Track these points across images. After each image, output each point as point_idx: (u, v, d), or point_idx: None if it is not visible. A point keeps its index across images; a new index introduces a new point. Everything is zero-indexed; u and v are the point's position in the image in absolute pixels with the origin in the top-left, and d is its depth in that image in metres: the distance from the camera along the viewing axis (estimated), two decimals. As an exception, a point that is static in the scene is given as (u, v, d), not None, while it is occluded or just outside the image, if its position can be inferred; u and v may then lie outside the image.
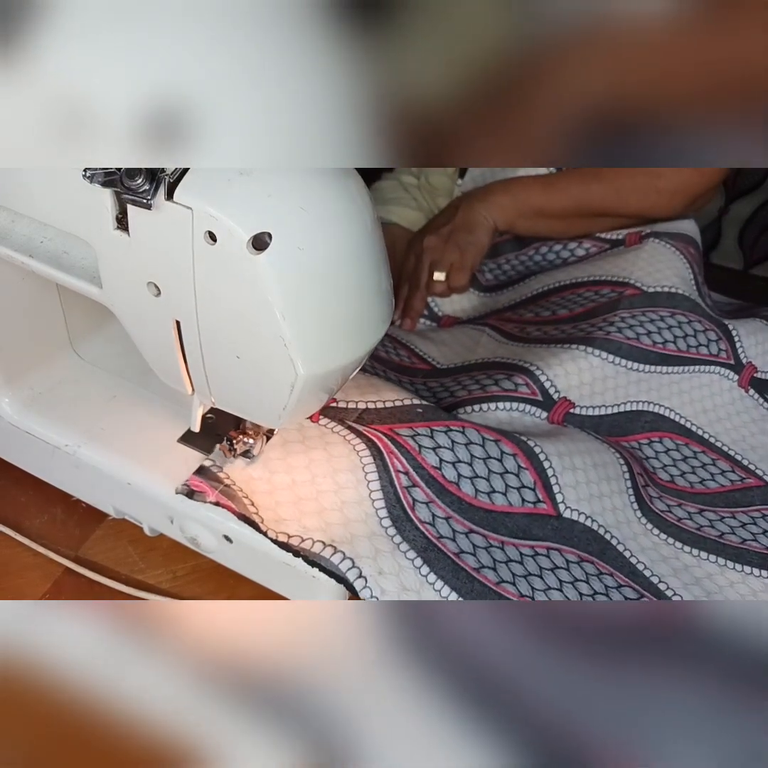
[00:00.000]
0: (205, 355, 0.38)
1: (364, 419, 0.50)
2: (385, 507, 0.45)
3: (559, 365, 0.58)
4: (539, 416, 0.56)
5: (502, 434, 0.50)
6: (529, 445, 0.50)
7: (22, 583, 0.48)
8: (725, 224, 0.96)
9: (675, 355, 0.61)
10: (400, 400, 0.51)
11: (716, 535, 0.53)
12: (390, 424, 0.49)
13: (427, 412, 0.51)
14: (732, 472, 0.58)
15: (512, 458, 0.49)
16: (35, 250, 0.40)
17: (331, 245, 0.35)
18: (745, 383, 0.63)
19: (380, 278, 0.39)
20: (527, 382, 0.57)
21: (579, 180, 0.70)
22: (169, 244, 0.34)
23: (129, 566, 0.49)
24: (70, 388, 0.51)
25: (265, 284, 0.34)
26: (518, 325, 0.66)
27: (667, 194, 0.69)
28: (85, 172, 0.33)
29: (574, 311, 0.65)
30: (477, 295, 0.74)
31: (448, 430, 0.49)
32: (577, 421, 0.57)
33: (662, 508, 0.54)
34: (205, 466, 0.45)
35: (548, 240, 0.74)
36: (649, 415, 0.59)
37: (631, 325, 0.61)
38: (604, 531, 0.50)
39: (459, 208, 0.73)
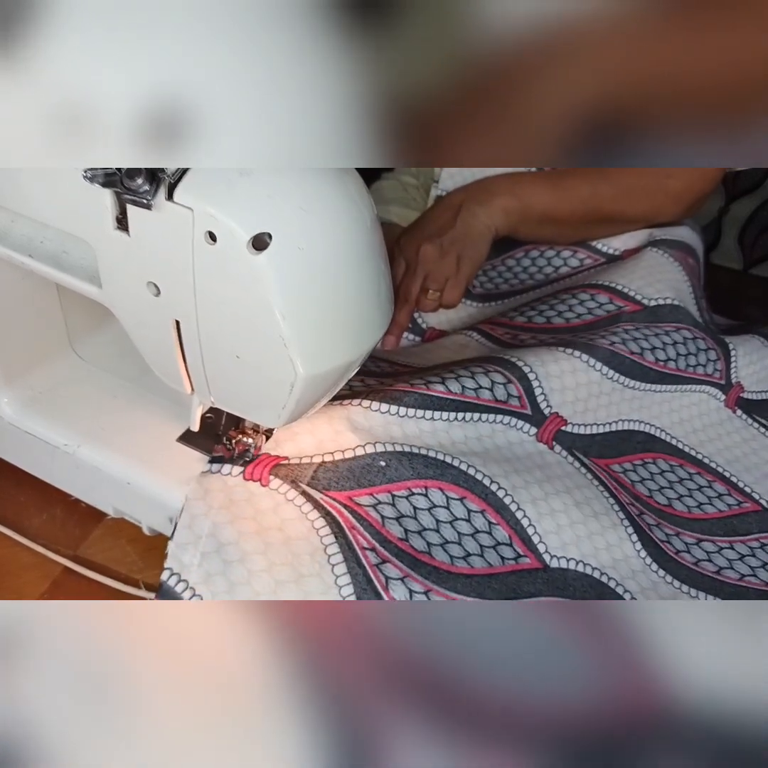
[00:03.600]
0: (204, 355, 0.38)
1: (320, 480, 0.44)
2: (354, 593, 0.40)
3: (558, 378, 0.55)
4: (527, 431, 0.53)
5: (468, 488, 0.46)
6: (498, 496, 0.47)
7: (20, 582, 0.48)
8: (725, 224, 0.96)
9: (672, 373, 0.60)
10: (362, 446, 0.46)
11: (714, 571, 0.51)
12: (349, 491, 0.44)
13: (389, 466, 0.45)
14: (729, 496, 0.57)
15: (480, 515, 0.46)
16: (35, 250, 0.40)
17: (331, 245, 0.35)
18: (732, 404, 0.62)
19: (380, 278, 0.39)
20: (520, 393, 0.53)
21: (587, 180, 0.66)
22: (169, 244, 0.34)
23: (128, 566, 0.49)
24: (69, 388, 0.51)
25: (265, 284, 0.34)
26: (510, 331, 0.63)
27: (674, 196, 0.67)
28: (85, 173, 0.33)
29: (570, 322, 0.62)
30: (465, 305, 0.70)
31: (410, 494, 0.45)
32: (568, 440, 0.54)
33: (661, 538, 0.51)
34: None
35: (546, 242, 0.71)
36: (641, 435, 0.58)
37: (636, 338, 0.59)
38: (599, 574, 0.47)
39: (459, 213, 0.66)
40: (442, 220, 0.67)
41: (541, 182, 0.67)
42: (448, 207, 0.68)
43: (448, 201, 0.69)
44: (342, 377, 0.41)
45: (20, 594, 0.47)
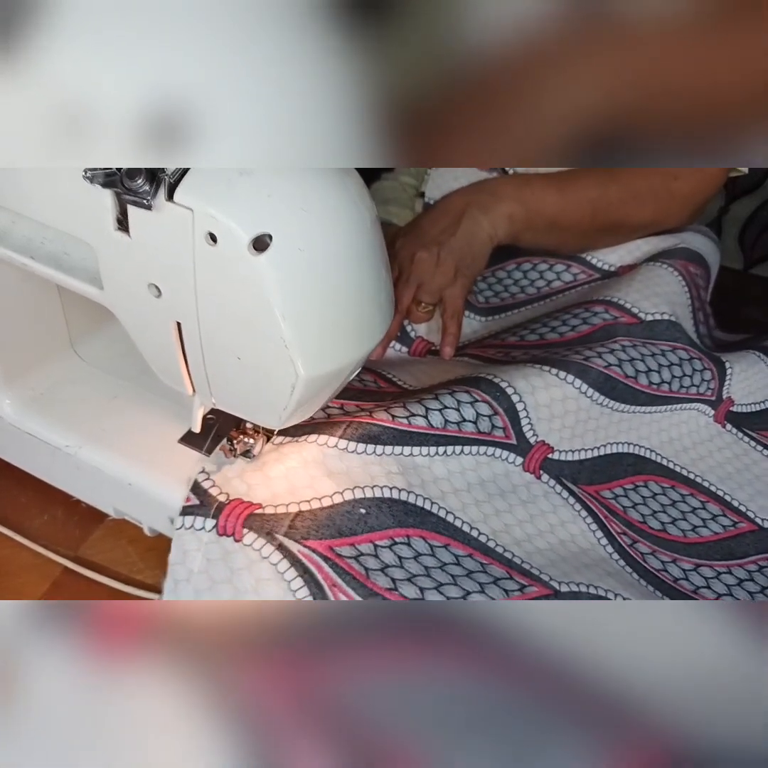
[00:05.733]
0: (205, 356, 0.38)
1: (298, 529, 0.42)
2: None
3: (547, 407, 0.53)
4: (513, 461, 0.51)
5: (450, 536, 0.45)
6: (481, 541, 0.46)
7: (20, 582, 0.48)
8: (725, 224, 0.96)
9: (663, 395, 0.58)
10: (340, 493, 0.44)
11: (713, 599, 0.50)
12: (329, 539, 0.42)
13: (370, 514, 0.43)
14: (723, 516, 0.56)
15: (469, 558, 0.45)
16: (36, 251, 0.40)
17: (331, 246, 0.35)
18: (721, 418, 0.61)
19: (380, 278, 0.39)
20: (506, 425, 0.51)
21: (595, 182, 0.64)
22: (170, 245, 0.34)
23: (128, 566, 0.49)
24: (70, 389, 0.51)
25: (266, 285, 0.34)
26: (501, 350, 0.60)
27: (681, 198, 0.65)
28: (85, 173, 0.33)
29: (565, 335, 0.60)
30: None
31: (393, 543, 0.43)
32: (555, 468, 0.52)
33: (657, 567, 0.50)
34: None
35: (549, 250, 0.69)
36: (631, 458, 0.56)
37: (633, 358, 0.57)
38: (614, 595, 0.45)
39: (461, 219, 0.62)
40: (441, 225, 0.63)
41: (548, 184, 0.64)
42: (449, 210, 0.64)
43: (450, 204, 0.65)
44: (343, 378, 0.41)
45: (20, 594, 0.47)
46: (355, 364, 0.40)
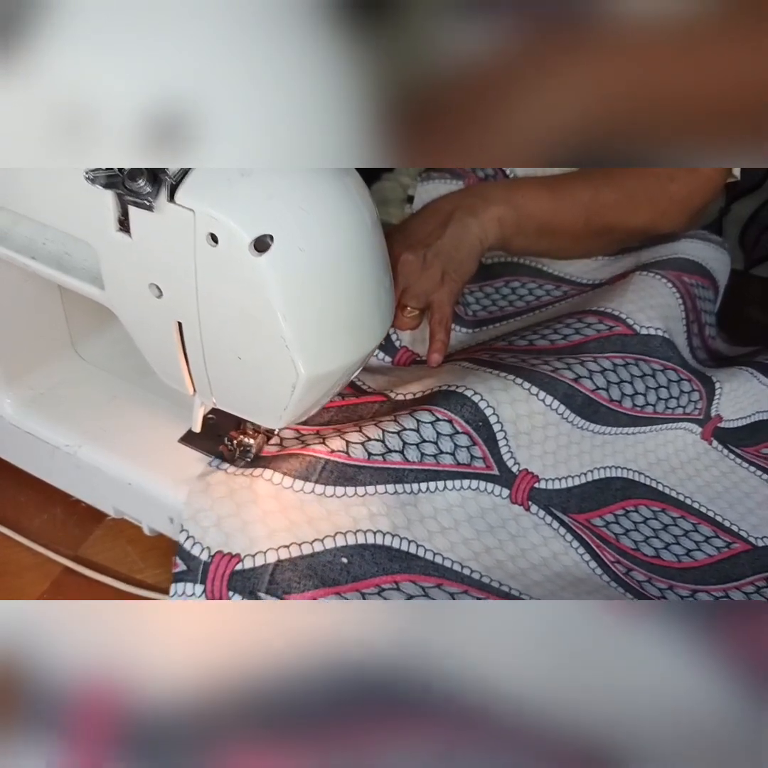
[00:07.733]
0: (206, 356, 0.39)
1: (279, 584, 0.40)
2: None
3: (527, 434, 0.51)
4: (499, 494, 0.50)
5: (441, 576, 0.44)
6: (474, 578, 0.45)
7: (20, 582, 0.48)
8: (726, 224, 0.96)
9: (646, 416, 0.57)
10: (320, 540, 0.42)
11: None
12: (312, 590, 0.40)
13: (352, 563, 0.42)
14: (717, 538, 0.55)
15: (465, 594, 0.44)
16: (37, 251, 0.40)
17: (331, 246, 0.35)
18: (708, 435, 0.60)
19: (381, 278, 0.39)
20: (485, 455, 0.50)
21: (588, 184, 0.63)
22: (171, 245, 0.34)
23: (128, 566, 0.49)
24: (71, 389, 0.51)
25: (267, 286, 0.34)
26: (489, 352, 0.58)
27: (678, 201, 0.64)
28: (87, 174, 0.33)
29: (556, 343, 0.58)
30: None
31: (381, 590, 0.42)
32: (544, 498, 0.51)
33: (655, 594, 0.49)
34: None
35: (541, 257, 0.68)
36: (619, 482, 0.55)
37: (622, 380, 0.56)
38: None
39: (449, 221, 0.61)
40: (429, 227, 0.61)
41: (539, 187, 0.63)
42: (437, 212, 0.62)
43: (439, 205, 0.63)
44: (343, 378, 0.41)
45: (20, 594, 0.47)
46: (356, 362, 0.40)
